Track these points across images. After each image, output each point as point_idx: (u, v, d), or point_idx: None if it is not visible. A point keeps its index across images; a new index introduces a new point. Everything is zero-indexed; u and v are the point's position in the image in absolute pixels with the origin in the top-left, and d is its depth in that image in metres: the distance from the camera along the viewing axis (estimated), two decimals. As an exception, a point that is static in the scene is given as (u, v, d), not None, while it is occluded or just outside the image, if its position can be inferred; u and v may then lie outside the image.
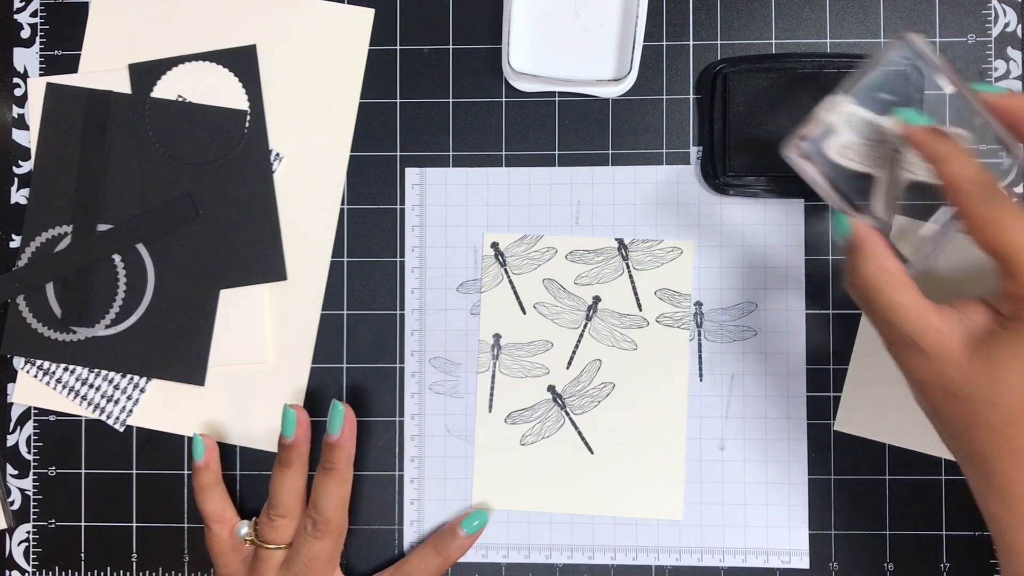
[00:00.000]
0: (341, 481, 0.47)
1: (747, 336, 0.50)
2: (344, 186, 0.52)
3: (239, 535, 0.49)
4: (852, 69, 0.49)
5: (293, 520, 0.48)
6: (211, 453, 0.50)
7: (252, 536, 0.49)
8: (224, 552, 0.49)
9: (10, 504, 0.53)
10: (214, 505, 0.50)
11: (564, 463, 0.51)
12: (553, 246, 0.51)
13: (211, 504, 0.50)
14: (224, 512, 0.50)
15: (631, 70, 0.50)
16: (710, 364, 0.51)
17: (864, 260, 0.39)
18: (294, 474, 0.48)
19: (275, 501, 0.48)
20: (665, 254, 0.51)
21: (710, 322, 0.51)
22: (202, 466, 0.50)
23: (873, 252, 0.39)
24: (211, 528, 0.49)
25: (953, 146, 0.38)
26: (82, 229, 0.52)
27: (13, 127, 0.53)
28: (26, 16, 0.53)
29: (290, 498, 0.48)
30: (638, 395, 0.50)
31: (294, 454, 0.47)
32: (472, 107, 0.52)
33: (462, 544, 0.49)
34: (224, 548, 0.49)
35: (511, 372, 0.51)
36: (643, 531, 0.51)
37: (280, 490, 0.48)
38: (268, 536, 0.48)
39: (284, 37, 0.52)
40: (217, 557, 0.50)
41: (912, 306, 0.38)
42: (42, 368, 0.52)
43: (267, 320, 0.52)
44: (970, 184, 0.37)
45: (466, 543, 0.49)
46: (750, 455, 0.50)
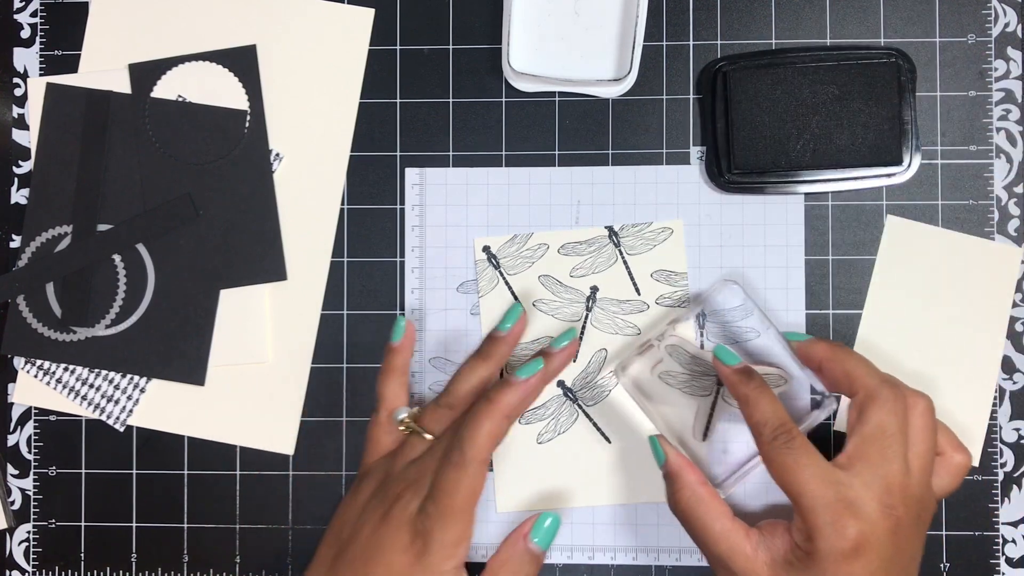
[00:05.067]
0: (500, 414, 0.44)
1: (748, 337, 0.50)
2: (344, 186, 0.52)
3: (395, 418, 0.47)
4: (850, 63, 0.49)
5: (457, 416, 0.46)
6: (408, 339, 0.49)
7: (409, 421, 0.47)
8: (377, 441, 0.47)
9: (10, 504, 0.53)
10: (391, 389, 0.48)
11: (583, 456, 0.51)
12: (544, 242, 0.51)
13: (389, 387, 0.48)
14: (396, 401, 0.48)
15: (631, 70, 0.50)
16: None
17: (679, 488, 0.44)
18: (486, 370, 0.47)
19: (451, 388, 0.47)
20: (656, 235, 0.51)
21: (711, 323, 0.51)
22: (396, 348, 0.49)
23: (687, 480, 0.44)
24: (379, 414, 0.48)
25: (756, 388, 0.43)
26: (82, 229, 0.52)
27: (13, 127, 0.53)
28: (26, 16, 0.53)
29: (467, 391, 0.46)
30: None
31: (497, 349, 0.47)
32: (472, 107, 0.52)
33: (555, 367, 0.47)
34: (381, 437, 0.47)
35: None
36: (643, 531, 0.51)
37: (462, 379, 0.47)
38: (426, 421, 0.46)
39: (284, 37, 0.52)
40: (368, 443, 0.48)
41: (724, 532, 0.42)
42: (42, 368, 0.52)
43: (267, 320, 0.52)
44: (767, 429, 0.42)
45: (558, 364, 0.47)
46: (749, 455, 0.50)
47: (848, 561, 0.39)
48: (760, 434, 0.42)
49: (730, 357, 0.45)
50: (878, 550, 0.39)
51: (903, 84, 0.49)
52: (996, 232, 0.50)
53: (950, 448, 0.44)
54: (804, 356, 0.46)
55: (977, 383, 0.50)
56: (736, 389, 0.44)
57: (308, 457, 0.52)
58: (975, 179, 0.51)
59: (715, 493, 0.44)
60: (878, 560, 0.39)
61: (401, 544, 0.42)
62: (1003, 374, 0.50)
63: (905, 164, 0.49)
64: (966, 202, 0.51)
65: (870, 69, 0.49)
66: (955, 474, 0.44)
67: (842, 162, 0.49)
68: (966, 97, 0.51)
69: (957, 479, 0.44)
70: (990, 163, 0.51)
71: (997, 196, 0.51)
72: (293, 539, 0.52)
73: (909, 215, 0.51)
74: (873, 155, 0.49)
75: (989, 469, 0.50)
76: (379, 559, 0.42)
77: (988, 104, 0.51)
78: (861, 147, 0.49)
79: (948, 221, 0.51)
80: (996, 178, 0.51)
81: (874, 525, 0.39)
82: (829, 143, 0.49)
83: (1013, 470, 0.50)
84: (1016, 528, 0.50)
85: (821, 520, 0.39)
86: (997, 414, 0.50)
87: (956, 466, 0.44)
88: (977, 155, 0.51)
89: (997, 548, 0.50)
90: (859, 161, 0.49)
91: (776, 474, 0.41)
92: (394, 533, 0.42)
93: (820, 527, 0.39)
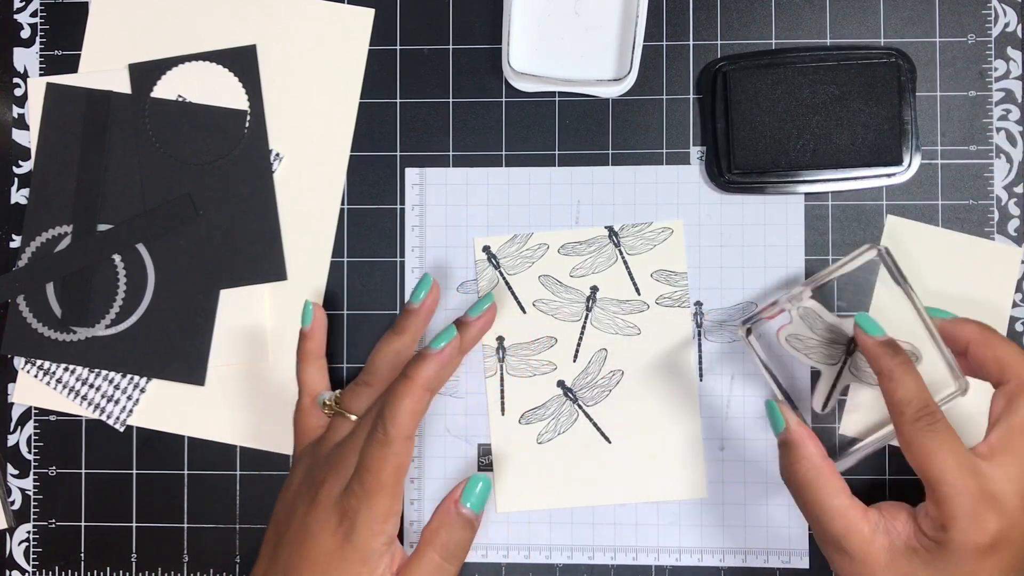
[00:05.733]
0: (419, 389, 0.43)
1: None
2: (344, 186, 0.52)
3: (319, 402, 0.48)
4: (850, 63, 0.49)
5: (378, 393, 0.46)
6: (318, 323, 0.49)
7: (332, 403, 0.47)
8: (304, 428, 0.48)
9: (10, 504, 0.53)
10: (309, 375, 0.49)
11: (583, 456, 0.51)
12: (544, 242, 0.51)
13: (306, 373, 0.49)
14: (316, 385, 0.49)
15: (631, 70, 0.50)
16: (710, 364, 0.51)
17: (798, 459, 0.42)
18: (401, 344, 0.47)
19: (370, 367, 0.47)
20: (656, 235, 0.51)
21: (710, 322, 0.51)
22: (307, 333, 0.49)
23: (807, 451, 0.42)
24: (301, 401, 0.48)
25: (901, 364, 0.41)
26: (82, 229, 0.52)
27: (13, 127, 0.53)
28: (26, 16, 0.53)
29: (385, 367, 0.46)
30: (648, 378, 0.50)
31: (412, 321, 0.47)
32: (472, 107, 0.52)
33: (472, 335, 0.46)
34: (306, 422, 0.48)
35: (519, 372, 0.51)
36: (643, 531, 0.51)
37: (380, 356, 0.47)
38: (347, 402, 0.46)
39: (284, 37, 0.52)
40: (297, 433, 0.48)
41: (841, 509, 0.40)
42: (42, 368, 0.52)
43: (267, 320, 0.52)
44: (911, 408, 0.40)
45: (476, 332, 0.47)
46: (750, 455, 0.50)
47: (983, 556, 0.38)
48: (902, 413, 0.40)
49: (874, 328, 0.42)
50: (1014, 548, 0.38)
51: (903, 84, 0.49)
52: (996, 232, 0.50)
53: None
54: (949, 336, 0.44)
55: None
56: (879, 362, 0.41)
57: (308, 457, 0.52)
58: (975, 179, 0.51)
59: (834, 468, 0.42)
60: (1011, 559, 0.38)
61: (330, 526, 0.42)
62: (1003, 374, 0.50)
63: (905, 164, 0.49)
64: (966, 202, 0.51)
65: (870, 69, 0.49)
66: None
67: (842, 162, 0.49)
68: (966, 97, 0.51)
69: None
70: (990, 163, 0.51)
71: (997, 196, 0.51)
72: (293, 539, 0.52)
73: (909, 215, 0.51)
74: (873, 155, 0.49)
75: (989, 469, 0.50)
76: (310, 543, 0.42)
77: (988, 104, 0.51)
78: (861, 147, 0.49)
79: (948, 221, 0.51)
80: (996, 178, 0.51)
81: (1014, 521, 0.38)
82: (829, 143, 0.49)
83: (1013, 470, 0.50)
84: (1016, 528, 0.50)
85: (959, 510, 0.38)
86: (997, 414, 0.50)
87: None
88: (977, 155, 0.51)
89: (997, 548, 0.50)
90: (859, 161, 0.49)
91: (915, 457, 0.39)
92: (322, 516, 0.42)
93: (957, 518, 0.38)
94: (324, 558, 0.42)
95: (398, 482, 0.42)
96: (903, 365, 0.41)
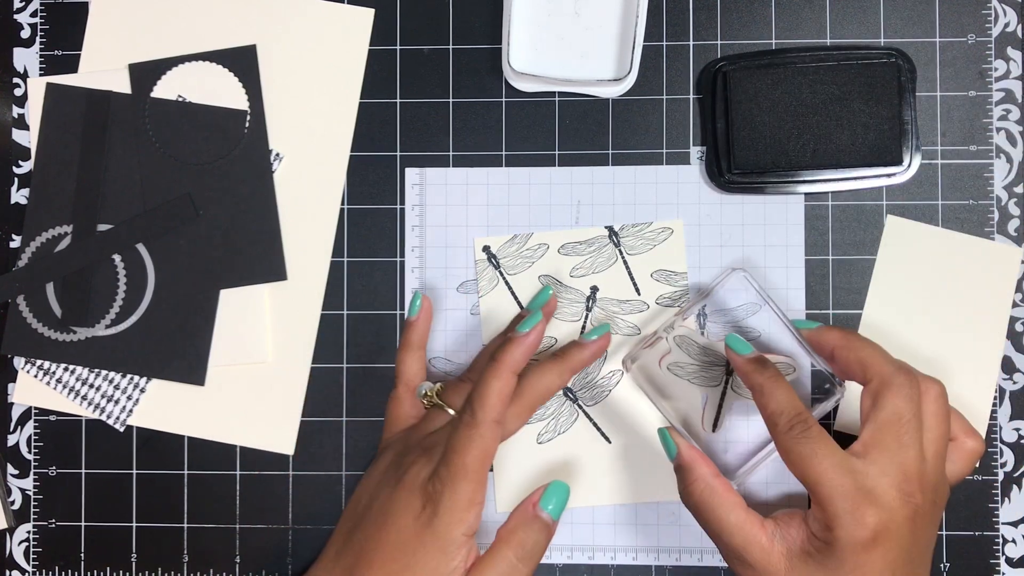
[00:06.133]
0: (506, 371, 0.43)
1: (753, 336, 0.50)
2: (344, 186, 0.52)
3: (419, 393, 0.47)
4: (850, 63, 0.49)
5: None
6: (425, 314, 0.49)
7: (431, 395, 0.47)
8: (397, 416, 0.48)
9: (10, 504, 0.53)
10: (409, 365, 0.49)
11: (583, 456, 0.51)
12: (544, 242, 0.51)
13: (407, 363, 0.49)
14: (415, 376, 0.49)
15: (631, 70, 0.50)
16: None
17: (692, 481, 0.44)
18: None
19: (475, 364, 0.47)
20: (656, 235, 0.51)
21: (712, 323, 0.51)
22: (413, 323, 0.49)
23: (699, 472, 0.44)
24: (397, 390, 0.49)
25: (771, 378, 0.43)
26: (82, 229, 0.52)
27: (13, 127, 0.53)
28: (26, 16, 0.53)
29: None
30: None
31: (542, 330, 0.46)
32: (472, 107, 0.52)
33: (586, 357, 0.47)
34: (399, 411, 0.48)
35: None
36: (643, 531, 0.51)
37: (486, 355, 0.47)
38: (449, 396, 0.47)
39: (284, 37, 0.52)
40: (388, 420, 0.48)
41: (738, 524, 0.42)
42: (42, 368, 0.52)
43: (267, 320, 0.52)
44: (783, 419, 0.41)
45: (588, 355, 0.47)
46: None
47: (867, 550, 0.39)
48: (776, 424, 0.42)
49: (743, 346, 0.44)
50: (897, 538, 0.39)
51: (903, 84, 0.49)
52: (996, 232, 0.50)
53: (962, 433, 0.44)
54: (815, 344, 0.46)
55: (977, 383, 0.50)
56: (750, 379, 0.43)
57: (308, 457, 0.52)
58: (975, 179, 0.51)
59: (728, 485, 0.44)
60: (897, 548, 0.39)
61: (413, 510, 0.42)
62: (1003, 374, 0.50)
63: (905, 164, 0.49)
64: (966, 202, 0.51)
65: (870, 69, 0.49)
66: (968, 459, 0.44)
67: (842, 162, 0.49)
68: (966, 97, 0.51)
69: (970, 464, 0.44)
70: (990, 163, 0.51)
71: (997, 196, 0.51)
72: (293, 539, 0.52)
73: (909, 215, 0.51)
74: (873, 155, 0.49)
75: (989, 469, 0.50)
76: (390, 525, 0.42)
77: (988, 104, 0.51)
78: (861, 147, 0.49)
79: (948, 221, 0.51)
80: (996, 178, 0.51)
81: (893, 513, 0.39)
82: (829, 143, 0.49)
83: (1013, 470, 0.50)
84: (1016, 528, 0.50)
85: (840, 509, 0.39)
86: (997, 414, 0.50)
87: (969, 451, 0.44)
88: (977, 155, 0.51)
89: (997, 548, 0.50)
90: (859, 161, 0.49)
91: (793, 464, 0.41)
92: (406, 498, 0.42)
93: (839, 516, 0.39)
94: (402, 543, 0.41)
95: (483, 467, 0.42)
96: (772, 379, 0.43)
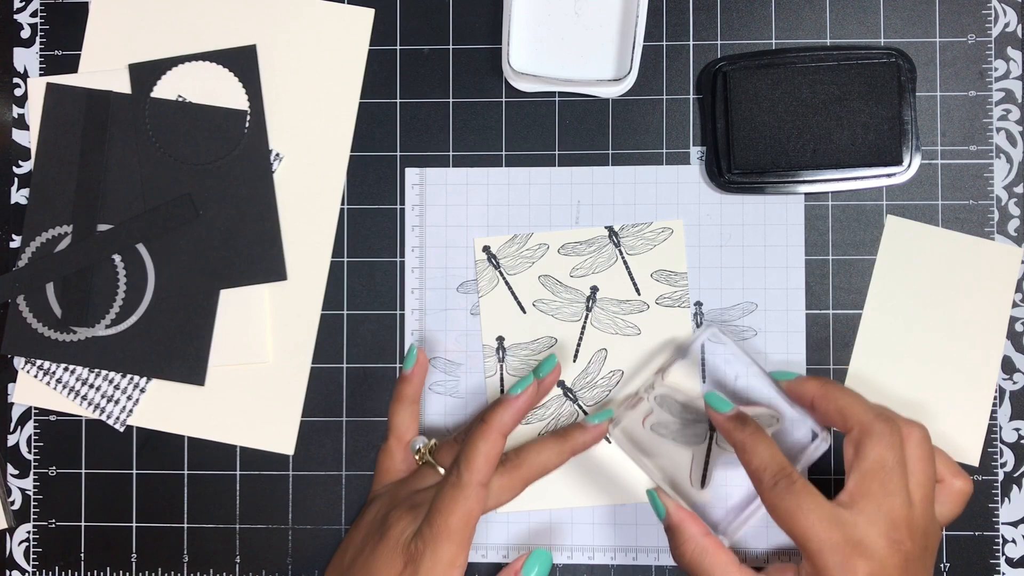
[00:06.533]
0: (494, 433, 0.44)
1: (747, 336, 0.50)
2: (344, 186, 0.52)
3: (412, 448, 0.48)
4: (850, 63, 0.49)
5: None
6: (420, 368, 0.49)
7: (424, 452, 0.47)
8: (387, 469, 0.48)
9: (10, 504, 0.53)
10: (402, 419, 0.49)
11: (583, 456, 0.50)
12: (544, 242, 0.51)
13: (399, 417, 0.49)
14: (407, 431, 0.49)
15: (631, 70, 0.50)
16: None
17: (683, 541, 0.44)
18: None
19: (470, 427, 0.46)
20: (656, 235, 0.51)
21: (711, 322, 0.51)
22: (407, 377, 0.49)
23: (689, 533, 0.44)
24: (388, 442, 0.49)
25: (752, 434, 0.43)
26: (82, 229, 0.52)
27: (13, 127, 0.53)
28: (26, 16, 0.53)
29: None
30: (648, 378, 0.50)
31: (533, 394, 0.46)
32: (472, 107, 0.52)
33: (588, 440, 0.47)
34: (390, 464, 0.48)
35: (519, 373, 0.51)
36: (643, 531, 0.51)
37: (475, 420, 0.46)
38: (441, 456, 0.47)
39: (284, 37, 0.52)
40: (378, 472, 0.49)
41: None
42: (42, 368, 0.52)
43: (267, 320, 0.52)
44: (767, 474, 0.42)
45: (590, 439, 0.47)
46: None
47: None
48: (760, 480, 0.42)
49: (722, 404, 0.44)
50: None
51: (903, 84, 0.49)
52: (996, 232, 0.50)
53: (949, 474, 0.44)
54: (795, 394, 0.46)
55: (977, 383, 0.50)
56: (732, 436, 0.44)
57: (308, 457, 0.52)
58: (975, 179, 0.51)
59: (719, 542, 0.44)
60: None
61: (394, 568, 0.42)
62: (1003, 374, 0.50)
63: (905, 164, 0.49)
64: (966, 202, 0.51)
65: (870, 69, 0.49)
66: (957, 500, 0.44)
67: (842, 162, 0.49)
68: (966, 97, 0.51)
69: (959, 505, 0.44)
70: (990, 163, 0.51)
71: (997, 196, 0.51)
72: (293, 539, 0.52)
73: (909, 215, 0.51)
74: (873, 155, 0.49)
75: (989, 469, 0.50)
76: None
77: (988, 104, 0.51)
78: (861, 147, 0.49)
79: (948, 221, 0.51)
80: (996, 178, 0.51)
81: (883, 562, 0.39)
82: (829, 143, 0.49)
83: (1013, 470, 0.50)
84: (1016, 528, 0.50)
85: (830, 563, 0.39)
86: (997, 414, 0.50)
87: (957, 492, 0.44)
88: (977, 155, 0.51)
89: (997, 548, 0.50)
90: (859, 161, 0.49)
91: (780, 519, 0.41)
92: (388, 557, 0.43)
93: (829, 569, 0.39)
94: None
95: (466, 528, 0.42)
96: (754, 435, 0.43)
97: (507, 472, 0.45)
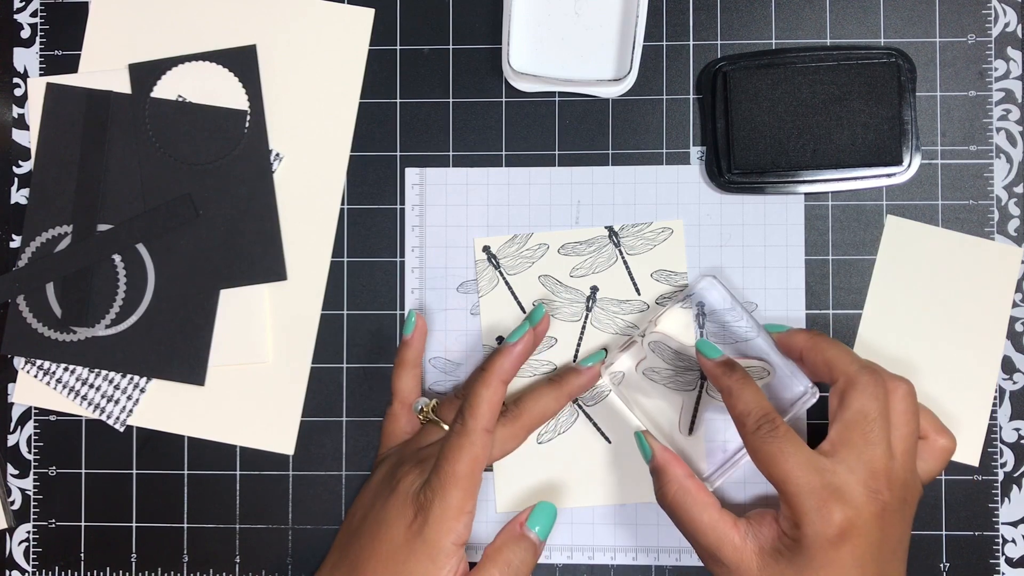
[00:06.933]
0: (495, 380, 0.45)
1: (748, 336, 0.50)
2: (344, 186, 0.52)
3: (415, 409, 0.49)
4: (850, 63, 0.49)
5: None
6: (420, 332, 0.50)
7: (427, 410, 0.48)
8: (392, 432, 0.49)
9: (10, 504, 0.53)
10: (404, 383, 0.49)
11: (583, 456, 0.51)
12: (544, 242, 0.51)
13: (402, 381, 0.49)
14: (410, 394, 0.50)
15: (631, 70, 0.50)
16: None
17: (666, 482, 0.45)
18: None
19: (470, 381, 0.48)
20: (656, 235, 0.51)
21: (711, 323, 0.51)
22: (407, 341, 0.50)
23: (673, 474, 0.45)
24: (392, 407, 0.50)
25: (739, 380, 0.43)
26: (82, 229, 0.52)
27: (13, 127, 0.53)
28: (26, 16, 0.53)
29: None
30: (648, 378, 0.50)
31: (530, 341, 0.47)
32: (472, 107, 0.52)
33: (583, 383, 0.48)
34: (395, 427, 0.49)
35: (519, 373, 0.51)
36: (643, 531, 0.51)
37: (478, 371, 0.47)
38: (444, 412, 0.48)
39: (284, 37, 0.52)
40: (384, 436, 0.50)
41: (711, 523, 0.43)
42: (42, 368, 0.52)
43: (267, 320, 0.52)
44: (751, 419, 0.42)
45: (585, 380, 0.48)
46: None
47: (835, 546, 0.39)
48: (743, 424, 0.42)
49: (712, 351, 0.45)
50: (865, 534, 0.40)
51: (903, 84, 0.49)
52: (996, 232, 0.50)
53: (933, 432, 0.45)
54: (785, 347, 0.47)
55: (977, 383, 0.50)
56: (719, 381, 0.44)
57: (308, 457, 0.52)
58: (975, 179, 0.51)
59: (702, 485, 0.44)
60: (865, 544, 0.40)
61: (405, 519, 0.43)
62: (1003, 374, 0.50)
63: (905, 164, 0.49)
64: (966, 202, 0.51)
65: (870, 69, 0.49)
66: (939, 457, 0.44)
67: (842, 162, 0.49)
68: (966, 97, 0.51)
69: (941, 463, 0.44)
70: (990, 163, 0.51)
71: (997, 196, 0.51)
72: (293, 539, 0.52)
73: (909, 215, 0.51)
74: (873, 155, 0.49)
75: (989, 469, 0.50)
76: (383, 535, 0.43)
77: (988, 104, 0.51)
78: (861, 147, 0.49)
79: (948, 221, 0.51)
80: (996, 178, 0.51)
81: (860, 510, 0.40)
82: (829, 143, 0.49)
83: (1013, 470, 0.50)
84: (1016, 528, 0.50)
85: (807, 506, 0.40)
86: (997, 414, 0.50)
87: (940, 449, 0.44)
88: (977, 155, 0.51)
89: (997, 548, 0.50)
90: (859, 161, 0.49)
91: (761, 463, 0.42)
92: (399, 508, 0.44)
93: (806, 513, 0.40)
94: (394, 552, 0.43)
95: (473, 475, 0.43)
96: (740, 380, 0.43)
97: (509, 422, 0.46)
